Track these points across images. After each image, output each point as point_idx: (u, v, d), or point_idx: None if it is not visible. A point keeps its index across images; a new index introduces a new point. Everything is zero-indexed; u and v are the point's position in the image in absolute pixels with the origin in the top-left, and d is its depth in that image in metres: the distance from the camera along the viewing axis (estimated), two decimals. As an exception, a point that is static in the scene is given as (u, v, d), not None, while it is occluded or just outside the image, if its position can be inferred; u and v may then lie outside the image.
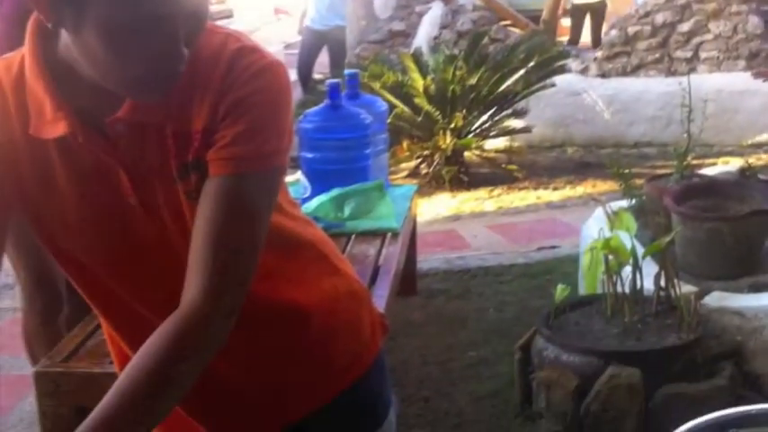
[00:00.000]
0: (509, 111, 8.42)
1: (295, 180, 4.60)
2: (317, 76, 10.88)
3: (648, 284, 3.85)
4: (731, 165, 6.78)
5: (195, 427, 1.82)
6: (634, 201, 4.86)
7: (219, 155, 1.51)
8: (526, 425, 3.84)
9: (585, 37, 11.14)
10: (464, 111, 7.99)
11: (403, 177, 8.09)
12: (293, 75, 9.99)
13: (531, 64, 8.17)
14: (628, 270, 3.81)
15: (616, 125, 9.22)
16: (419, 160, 8.33)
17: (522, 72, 8.13)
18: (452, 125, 7.93)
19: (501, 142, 8.77)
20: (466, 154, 8.34)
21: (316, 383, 1.83)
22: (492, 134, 8.54)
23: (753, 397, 3.69)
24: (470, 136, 8.25)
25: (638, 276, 3.81)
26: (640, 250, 3.88)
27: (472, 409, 4.03)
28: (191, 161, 1.54)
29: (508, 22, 10.24)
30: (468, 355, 4.53)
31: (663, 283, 3.85)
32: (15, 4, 3.36)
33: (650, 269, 3.88)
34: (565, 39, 11.07)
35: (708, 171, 5.79)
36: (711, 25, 9.20)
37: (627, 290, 3.82)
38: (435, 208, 7.48)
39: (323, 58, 11.14)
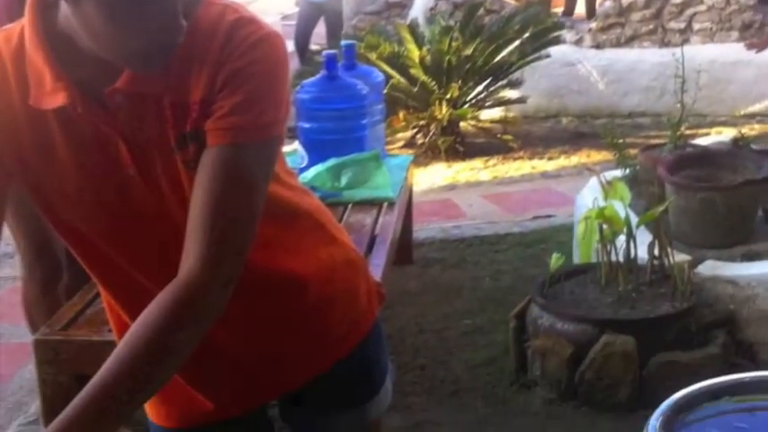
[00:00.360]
0: (504, 81, 8.41)
1: (292, 150, 4.59)
2: (314, 46, 10.82)
3: (642, 253, 3.87)
4: (724, 135, 6.81)
5: (194, 395, 1.83)
6: (628, 170, 4.87)
7: (217, 125, 1.51)
8: (521, 392, 3.86)
9: (580, 8, 11.07)
10: (460, 81, 7.98)
11: (399, 147, 8.10)
12: (290, 46, 9.95)
13: (526, 35, 8.17)
14: (622, 239, 3.83)
15: (610, 96, 9.22)
16: (415, 130, 8.33)
17: (517, 43, 8.13)
18: (448, 96, 7.93)
19: (496, 113, 8.78)
20: (461, 124, 8.34)
21: (313, 352, 1.84)
22: (487, 105, 8.54)
23: (746, 365, 3.72)
24: (466, 106, 8.25)
25: (632, 245, 3.83)
26: (634, 219, 3.90)
27: (468, 376, 4.05)
28: (189, 131, 1.54)
29: (503, -7, 10.19)
30: (464, 324, 4.54)
31: (657, 252, 3.86)
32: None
33: (644, 238, 3.90)
34: (559, 10, 10.99)
35: (701, 141, 5.80)
36: (705, -4, 9.19)
37: (621, 259, 3.84)
38: (431, 178, 7.49)
39: (320, 29, 11.09)
